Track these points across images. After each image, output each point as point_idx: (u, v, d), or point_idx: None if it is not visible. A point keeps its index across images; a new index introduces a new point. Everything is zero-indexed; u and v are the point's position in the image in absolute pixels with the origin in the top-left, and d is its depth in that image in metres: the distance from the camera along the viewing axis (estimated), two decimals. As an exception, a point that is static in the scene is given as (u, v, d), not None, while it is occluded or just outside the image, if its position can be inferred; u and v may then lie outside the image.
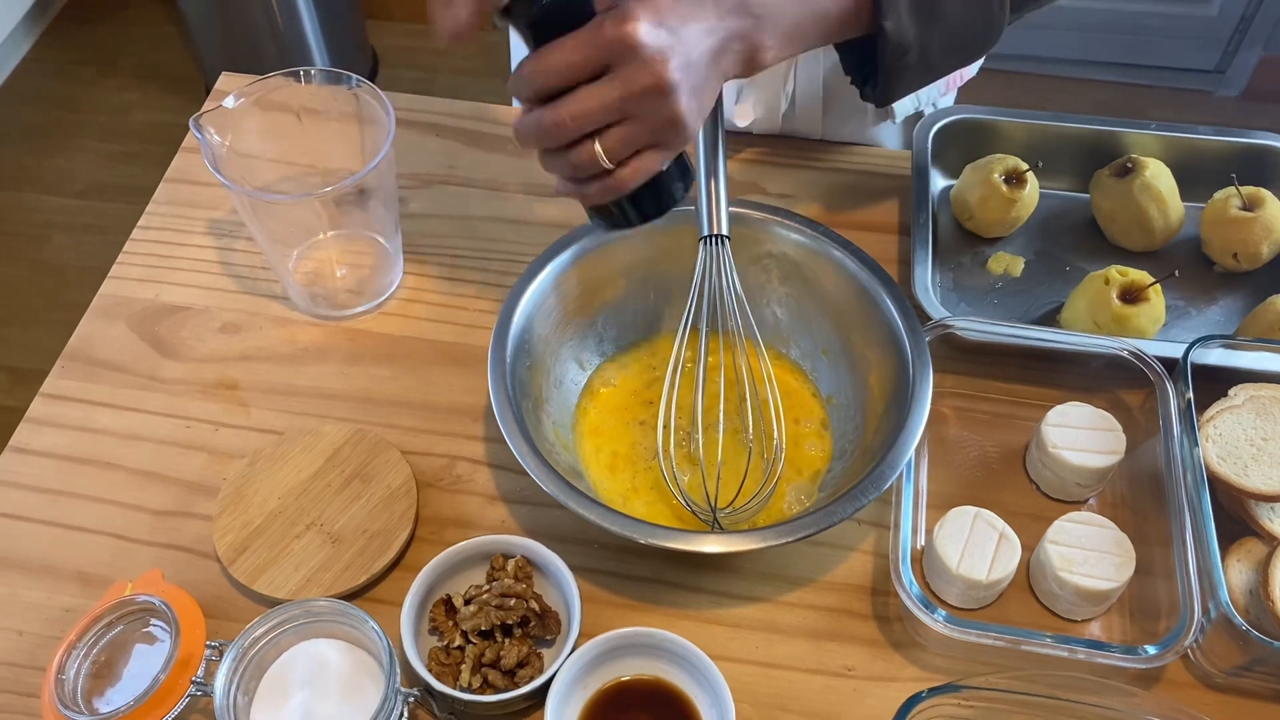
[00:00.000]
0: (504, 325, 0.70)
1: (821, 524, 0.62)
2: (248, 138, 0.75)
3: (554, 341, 0.74)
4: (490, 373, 0.68)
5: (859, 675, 0.65)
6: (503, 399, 0.67)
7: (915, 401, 0.66)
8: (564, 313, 0.74)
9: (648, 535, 0.63)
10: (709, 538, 0.63)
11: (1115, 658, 0.60)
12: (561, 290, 0.74)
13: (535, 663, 0.63)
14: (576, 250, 0.74)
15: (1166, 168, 0.83)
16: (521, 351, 0.70)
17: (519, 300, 0.71)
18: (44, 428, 0.74)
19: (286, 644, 0.62)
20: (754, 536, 0.63)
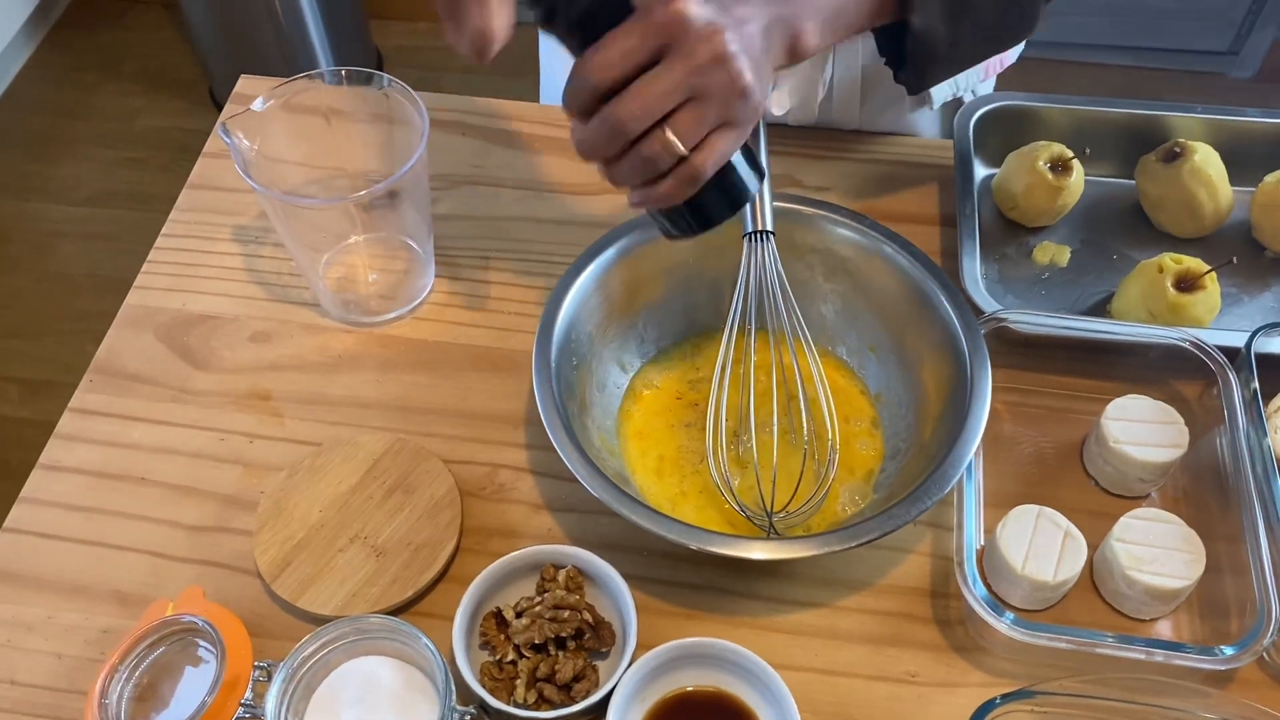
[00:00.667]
0: (548, 327, 0.68)
1: (885, 528, 0.60)
2: (274, 140, 0.73)
3: (597, 343, 0.72)
4: (535, 377, 0.66)
5: (923, 681, 0.63)
6: (549, 403, 0.65)
7: (975, 399, 0.65)
8: (607, 313, 0.72)
9: (702, 542, 0.61)
10: (767, 544, 0.61)
11: (1192, 659, 0.58)
12: (605, 290, 0.72)
13: (591, 676, 0.61)
14: (619, 248, 0.72)
15: (1215, 152, 0.81)
16: (566, 353, 0.69)
17: (562, 300, 0.69)
18: (74, 444, 0.72)
19: (336, 662, 0.60)
20: (814, 542, 0.61)
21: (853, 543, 0.60)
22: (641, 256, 0.72)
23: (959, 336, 0.67)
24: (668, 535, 0.60)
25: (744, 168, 0.57)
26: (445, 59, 2.34)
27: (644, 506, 0.62)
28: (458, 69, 2.32)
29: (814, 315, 0.75)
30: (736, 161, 0.56)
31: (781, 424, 0.71)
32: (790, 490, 0.68)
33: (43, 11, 2.37)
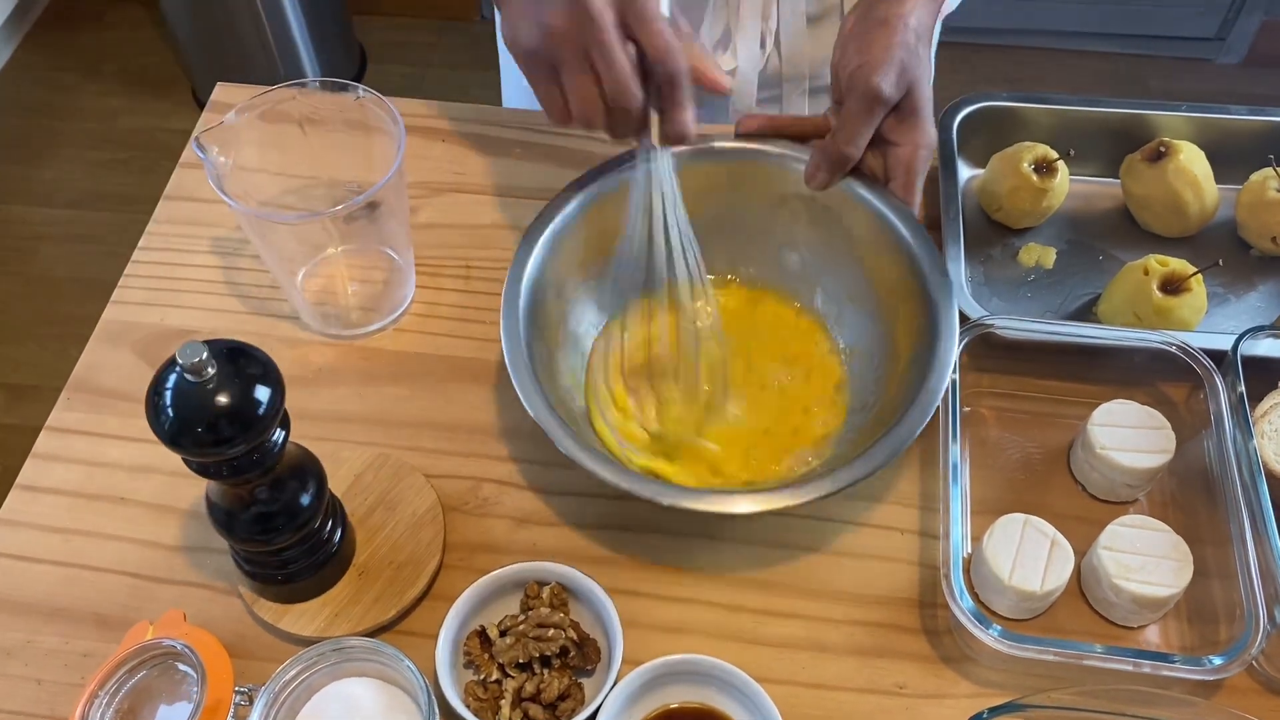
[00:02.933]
0: (520, 266, 0.68)
1: (867, 469, 0.60)
2: (249, 150, 0.72)
3: (571, 282, 0.72)
4: (503, 318, 0.66)
5: (912, 693, 0.63)
6: (515, 342, 0.65)
7: (942, 339, 0.64)
8: (582, 255, 0.72)
9: (671, 497, 0.61)
10: (741, 497, 0.61)
11: (1180, 670, 0.58)
12: (580, 231, 0.71)
13: (577, 694, 0.61)
14: (594, 191, 0.71)
15: (1200, 150, 0.80)
16: (538, 292, 0.69)
17: (536, 240, 0.69)
18: (51, 463, 0.72)
19: (318, 685, 0.60)
20: (788, 493, 0.60)
21: (831, 489, 0.60)
22: (615, 201, 0.71)
23: (926, 280, 0.67)
24: (629, 487, 0.60)
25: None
26: (429, 55, 2.33)
27: (608, 459, 0.62)
28: (442, 65, 2.31)
29: (791, 264, 0.75)
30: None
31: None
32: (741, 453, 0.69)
33: (21, 12, 2.35)
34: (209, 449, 0.52)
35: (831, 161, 0.70)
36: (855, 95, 0.67)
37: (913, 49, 0.67)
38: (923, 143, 0.68)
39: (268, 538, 0.59)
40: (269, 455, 0.55)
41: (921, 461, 0.71)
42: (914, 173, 0.69)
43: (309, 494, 0.60)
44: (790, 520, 0.69)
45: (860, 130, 0.68)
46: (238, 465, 0.54)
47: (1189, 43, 2.24)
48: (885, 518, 0.69)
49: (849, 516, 0.69)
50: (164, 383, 0.52)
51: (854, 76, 0.67)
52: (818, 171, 0.71)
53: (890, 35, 0.67)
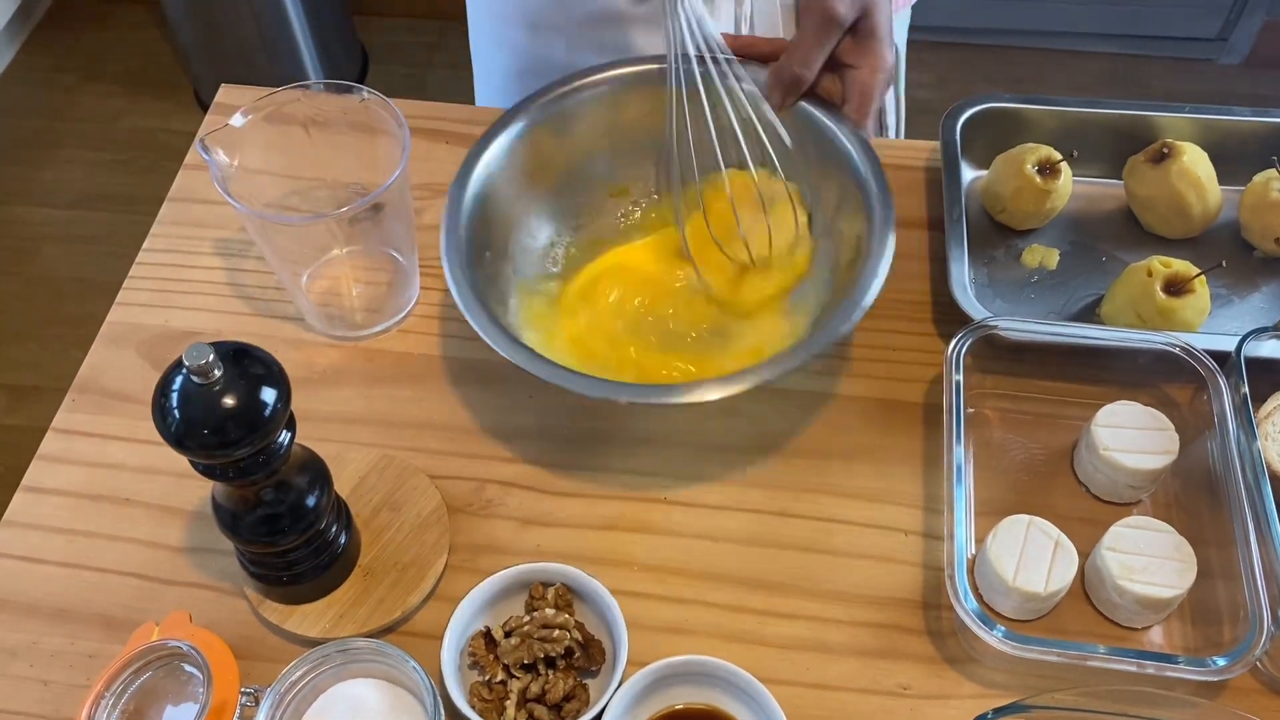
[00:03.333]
0: (468, 167, 0.71)
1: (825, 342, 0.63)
2: (253, 152, 0.72)
3: (516, 208, 0.74)
4: (444, 221, 0.69)
5: (915, 694, 0.63)
6: (454, 247, 0.68)
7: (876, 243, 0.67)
8: (523, 178, 0.74)
9: (635, 395, 0.63)
10: (706, 386, 0.62)
11: (1184, 671, 0.58)
12: (531, 143, 0.74)
13: (581, 695, 0.61)
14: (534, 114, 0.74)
15: (1203, 152, 0.80)
16: (486, 199, 0.71)
17: (487, 145, 0.72)
18: (57, 465, 0.72)
19: (324, 686, 0.60)
20: (750, 375, 0.62)
21: (792, 363, 0.62)
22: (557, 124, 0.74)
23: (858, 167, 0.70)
24: (591, 393, 0.62)
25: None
26: (431, 55, 2.33)
27: (567, 370, 0.64)
28: (444, 65, 2.31)
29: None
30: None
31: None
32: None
33: (23, 13, 2.35)
34: (215, 451, 0.53)
35: (784, 83, 0.71)
36: (810, 15, 0.68)
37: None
38: (879, 66, 0.69)
39: (273, 539, 0.60)
40: (275, 457, 0.56)
41: (925, 462, 0.71)
42: (868, 96, 0.69)
43: (314, 495, 0.60)
44: (791, 520, 0.69)
45: (812, 52, 0.69)
46: (244, 467, 0.55)
47: (1191, 43, 2.24)
48: (889, 519, 0.69)
49: (852, 517, 0.69)
50: (170, 385, 0.53)
51: (808, 1, 0.68)
52: (772, 92, 0.71)
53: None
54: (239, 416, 0.52)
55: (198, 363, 0.51)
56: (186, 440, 0.52)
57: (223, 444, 0.52)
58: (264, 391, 0.53)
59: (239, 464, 0.54)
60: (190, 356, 0.51)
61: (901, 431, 0.73)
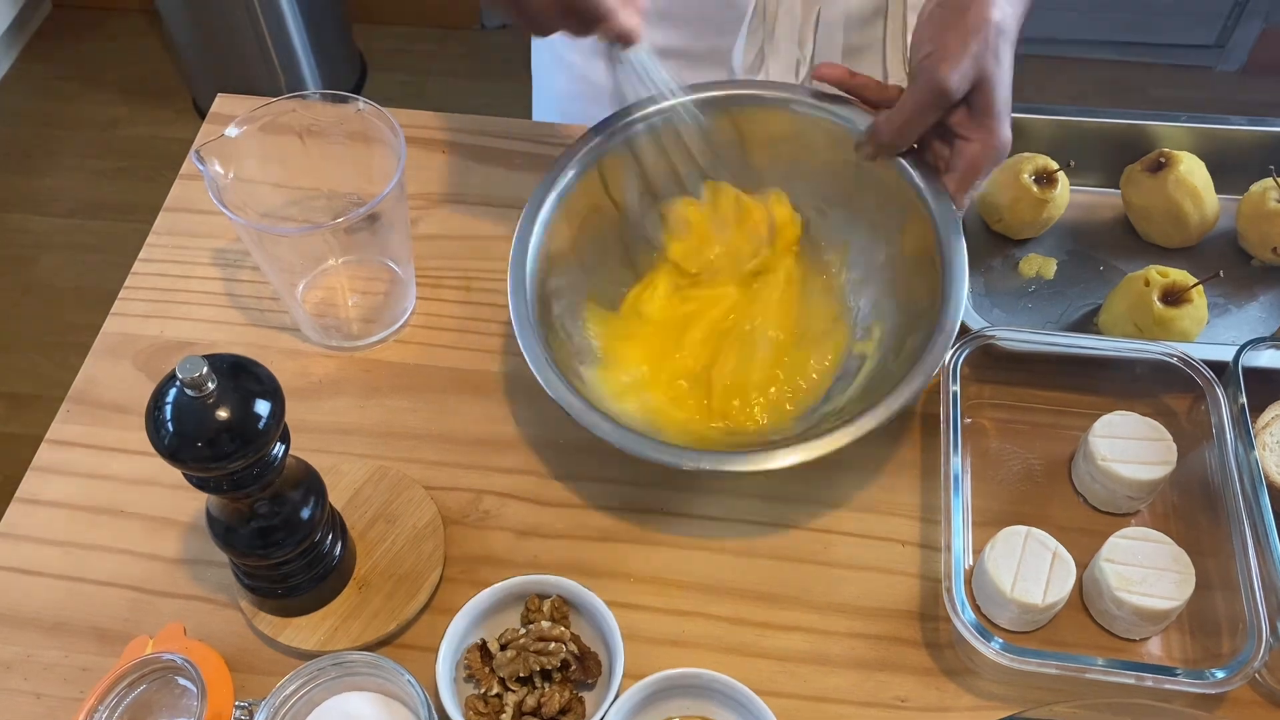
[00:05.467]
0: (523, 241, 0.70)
1: (889, 413, 0.61)
2: (249, 163, 0.72)
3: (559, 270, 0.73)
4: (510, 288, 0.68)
5: (913, 706, 0.62)
6: (522, 312, 0.67)
7: (953, 255, 0.66)
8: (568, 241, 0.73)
9: (700, 461, 0.62)
10: (785, 450, 0.61)
11: (1182, 683, 0.58)
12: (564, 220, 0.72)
13: (578, 708, 0.61)
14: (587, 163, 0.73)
15: (1200, 161, 0.80)
16: (543, 269, 0.70)
17: (535, 217, 0.71)
18: (52, 476, 0.71)
19: (318, 699, 0.59)
20: (832, 437, 0.61)
21: (884, 417, 0.61)
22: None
23: (925, 198, 0.68)
24: (653, 455, 0.61)
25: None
26: (430, 63, 2.33)
27: (617, 424, 0.63)
28: (443, 73, 2.31)
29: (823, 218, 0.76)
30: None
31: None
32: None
33: (22, 21, 2.35)
34: (209, 464, 0.52)
35: (878, 141, 0.69)
36: (918, 83, 0.65)
37: (991, 44, 0.64)
38: (992, 143, 0.65)
39: (268, 552, 0.59)
40: (269, 469, 0.55)
41: (923, 473, 0.71)
42: (974, 171, 0.66)
43: (309, 508, 0.60)
44: (789, 531, 0.69)
45: (912, 119, 0.66)
46: (238, 480, 0.54)
47: (1188, 50, 2.24)
48: (886, 530, 0.69)
49: (850, 528, 0.69)
50: (164, 397, 0.52)
51: (922, 64, 0.65)
52: (865, 145, 0.70)
53: (967, 26, 0.64)
54: (233, 429, 0.52)
55: (191, 375, 0.51)
56: (180, 453, 0.52)
57: (216, 457, 0.52)
58: (258, 404, 0.53)
59: (232, 477, 0.54)
60: (184, 369, 0.51)
61: (899, 442, 0.72)
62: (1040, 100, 0.87)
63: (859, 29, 0.84)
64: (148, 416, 0.53)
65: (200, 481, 0.55)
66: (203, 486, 0.55)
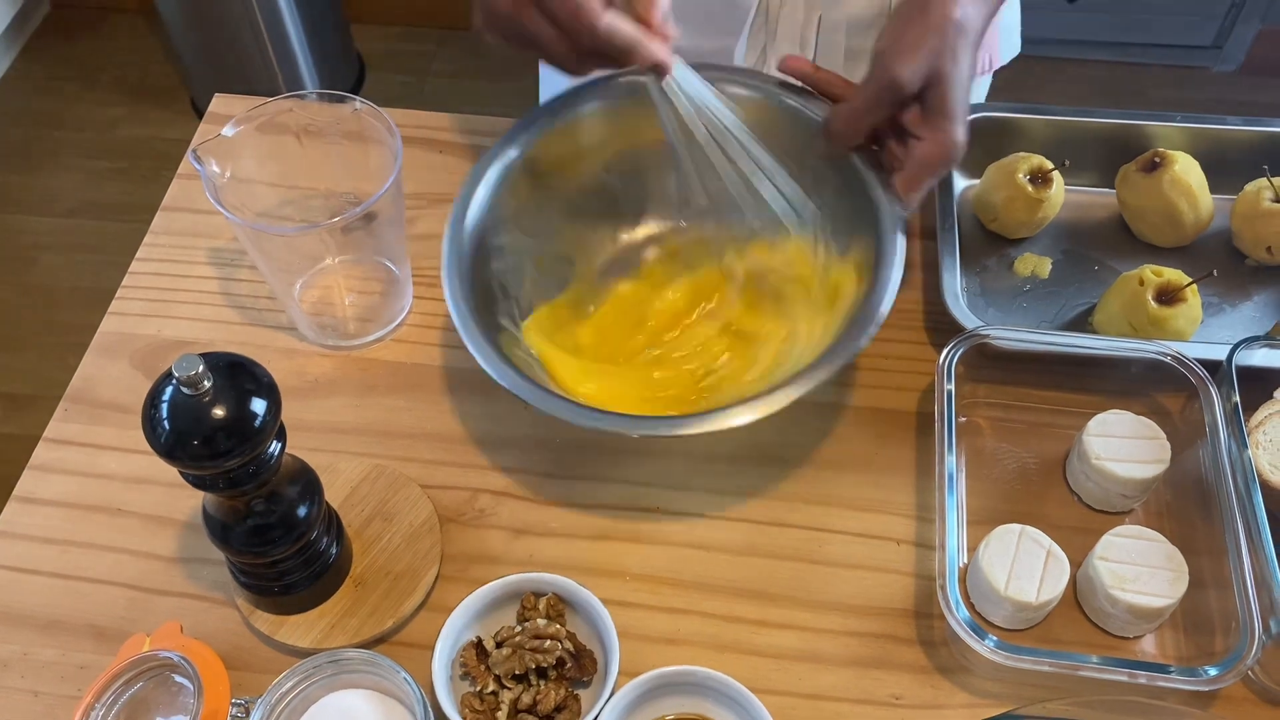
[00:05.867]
0: (464, 204, 0.70)
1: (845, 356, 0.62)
2: (246, 162, 0.72)
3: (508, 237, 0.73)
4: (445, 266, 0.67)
5: (907, 704, 0.63)
6: (458, 289, 0.67)
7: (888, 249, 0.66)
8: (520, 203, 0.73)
9: (642, 427, 0.62)
10: (730, 412, 0.61)
11: (1176, 680, 0.58)
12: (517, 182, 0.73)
13: (573, 706, 0.61)
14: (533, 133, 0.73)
15: (1195, 161, 0.80)
16: (485, 233, 0.70)
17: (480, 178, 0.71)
18: (49, 475, 0.72)
19: (315, 696, 0.60)
20: (773, 398, 0.61)
21: (819, 377, 0.62)
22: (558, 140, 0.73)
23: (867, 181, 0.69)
24: (598, 425, 0.61)
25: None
26: (428, 63, 2.33)
27: (577, 404, 0.63)
28: (441, 74, 2.31)
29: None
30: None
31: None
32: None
33: (20, 21, 2.35)
34: (205, 462, 0.53)
35: (830, 130, 0.69)
36: (871, 76, 0.65)
37: (949, 42, 0.63)
38: (943, 143, 0.64)
39: (264, 550, 0.60)
40: (265, 467, 0.56)
41: (917, 471, 0.71)
42: (924, 170, 0.65)
43: (305, 506, 0.60)
44: (784, 529, 0.69)
45: (862, 113, 0.66)
46: (234, 478, 0.55)
47: (1186, 51, 2.25)
48: (881, 528, 0.69)
49: (845, 526, 0.69)
50: (160, 396, 0.53)
51: (877, 58, 0.64)
52: (821, 138, 0.69)
53: (927, 23, 0.63)
54: (229, 427, 0.52)
55: (187, 374, 0.51)
56: (176, 451, 0.52)
57: (212, 455, 0.52)
58: (254, 402, 0.53)
59: (229, 475, 0.54)
60: (180, 368, 0.51)
61: (894, 440, 0.73)
62: (1038, 100, 0.87)
63: (861, 33, 0.84)
64: (144, 415, 0.53)
65: (197, 480, 0.55)
66: (199, 485, 0.55)
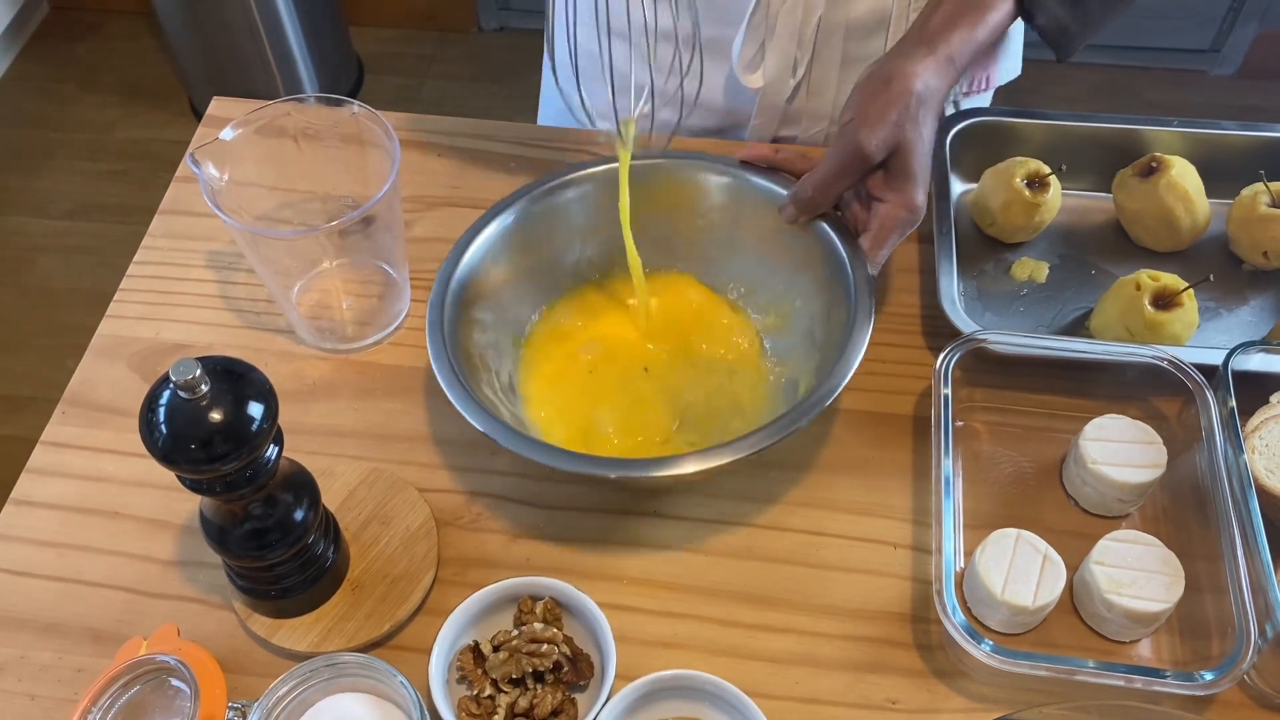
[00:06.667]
0: (447, 274, 0.70)
1: (783, 431, 0.62)
2: (245, 165, 0.73)
3: (499, 288, 0.74)
4: (429, 328, 0.68)
5: (904, 708, 0.63)
6: (440, 352, 0.67)
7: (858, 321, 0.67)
8: (509, 260, 0.74)
9: (615, 469, 0.63)
10: (685, 460, 0.61)
11: (1172, 685, 0.58)
12: (507, 239, 0.74)
13: (570, 710, 0.61)
14: (521, 207, 0.75)
15: (1191, 165, 0.80)
16: (465, 300, 0.71)
17: (465, 250, 0.72)
18: (47, 478, 0.72)
19: (311, 700, 0.60)
20: (727, 450, 0.62)
21: (772, 440, 0.62)
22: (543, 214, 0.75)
23: (843, 259, 0.70)
24: (572, 468, 0.62)
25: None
26: (426, 66, 2.33)
27: (550, 447, 0.64)
28: (440, 76, 2.31)
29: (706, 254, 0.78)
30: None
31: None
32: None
33: (19, 23, 2.35)
34: (202, 466, 0.53)
35: (798, 202, 0.72)
36: (838, 146, 0.69)
37: (911, 113, 0.67)
38: (906, 204, 0.68)
39: (261, 553, 0.60)
40: (262, 471, 0.56)
41: (914, 476, 0.71)
42: (887, 230, 0.69)
43: (302, 509, 0.60)
44: (781, 534, 0.69)
45: (832, 181, 0.69)
46: (231, 481, 0.55)
47: (1183, 54, 2.25)
48: (878, 532, 0.69)
49: (842, 531, 0.69)
50: (157, 399, 0.53)
51: (844, 128, 0.68)
52: (787, 206, 0.72)
53: (890, 95, 0.67)
54: (226, 431, 0.52)
55: (184, 378, 0.51)
56: (173, 455, 0.52)
57: (209, 459, 0.52)
58: (251, 406, 0.53)
59: (226, 479, 0.54)
60: (177, 372, 0.51)
61: (891, 444, 0.73)
62: (1035, 104, 0.87)
63: (860, 40, 0.84)
64: (141, 418, 0.53)
65: (194, 483, 0.55)
66: (196, 488, 0.55)
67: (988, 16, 0.71)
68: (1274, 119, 0.84)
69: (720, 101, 0.89)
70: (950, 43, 0.69)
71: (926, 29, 0.70)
